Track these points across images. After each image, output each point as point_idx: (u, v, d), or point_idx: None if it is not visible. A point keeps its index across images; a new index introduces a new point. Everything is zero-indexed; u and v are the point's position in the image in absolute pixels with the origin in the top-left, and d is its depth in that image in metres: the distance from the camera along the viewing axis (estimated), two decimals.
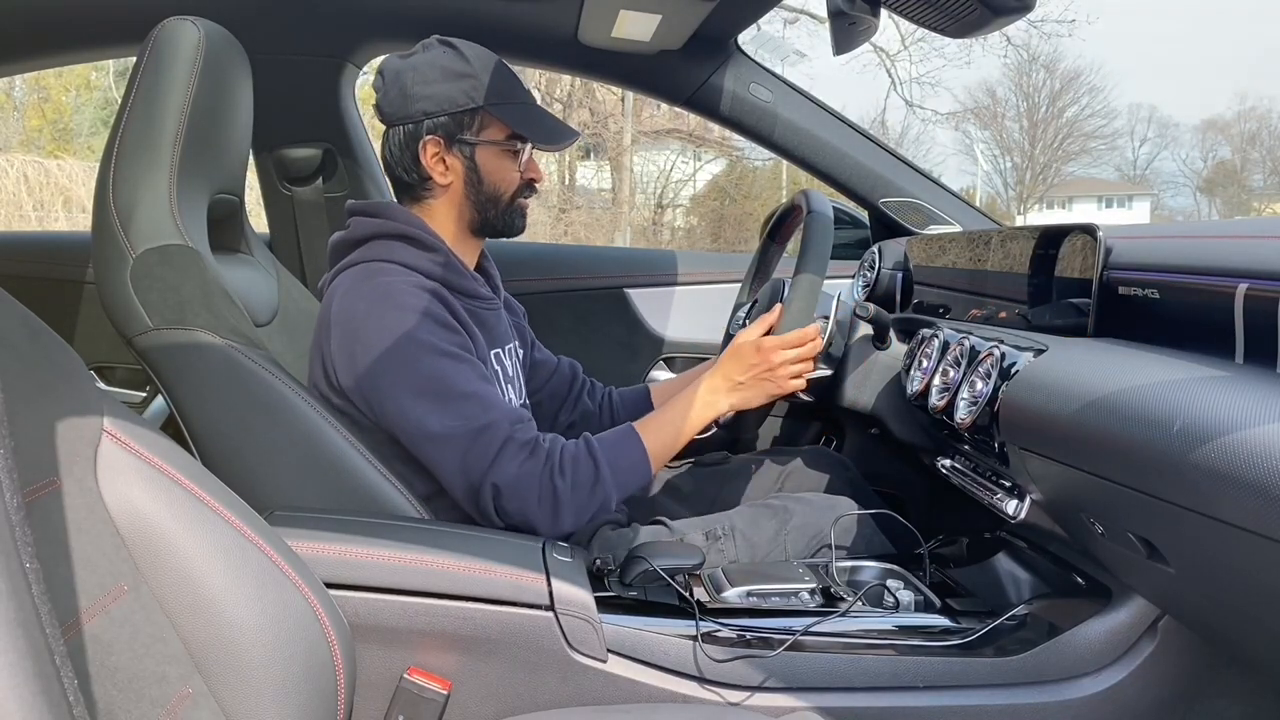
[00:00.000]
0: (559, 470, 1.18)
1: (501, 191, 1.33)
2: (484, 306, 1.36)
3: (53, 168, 9.25)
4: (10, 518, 0.45)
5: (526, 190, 1.35)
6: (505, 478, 1.17)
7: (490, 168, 1.31)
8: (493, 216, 1.34)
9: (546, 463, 1.18)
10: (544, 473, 1.18)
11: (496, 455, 1.16)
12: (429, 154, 1.29)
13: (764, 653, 1.08)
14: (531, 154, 1.34)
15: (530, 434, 1.20)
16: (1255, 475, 0.68)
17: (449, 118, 1.28)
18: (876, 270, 1.75)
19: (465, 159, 1.30)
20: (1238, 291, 0.84)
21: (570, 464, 1.19)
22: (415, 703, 1.02)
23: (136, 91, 1.18)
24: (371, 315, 1.19)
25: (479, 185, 1.31)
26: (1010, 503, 1.12)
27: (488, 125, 1.29)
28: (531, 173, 1.34)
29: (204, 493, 0.79)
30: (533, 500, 1.17)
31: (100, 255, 1.17)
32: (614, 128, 14.36)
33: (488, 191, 1.32)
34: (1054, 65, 25.34)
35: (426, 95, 1.26)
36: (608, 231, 14.06)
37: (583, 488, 1.19)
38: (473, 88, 1.27)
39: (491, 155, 1.31)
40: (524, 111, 1.31)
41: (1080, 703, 1.08)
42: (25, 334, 0.70)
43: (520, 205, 1.36)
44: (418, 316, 1.19)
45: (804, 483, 1.52)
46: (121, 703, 0.66)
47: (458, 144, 1.29)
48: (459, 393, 1.18)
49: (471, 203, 1.32)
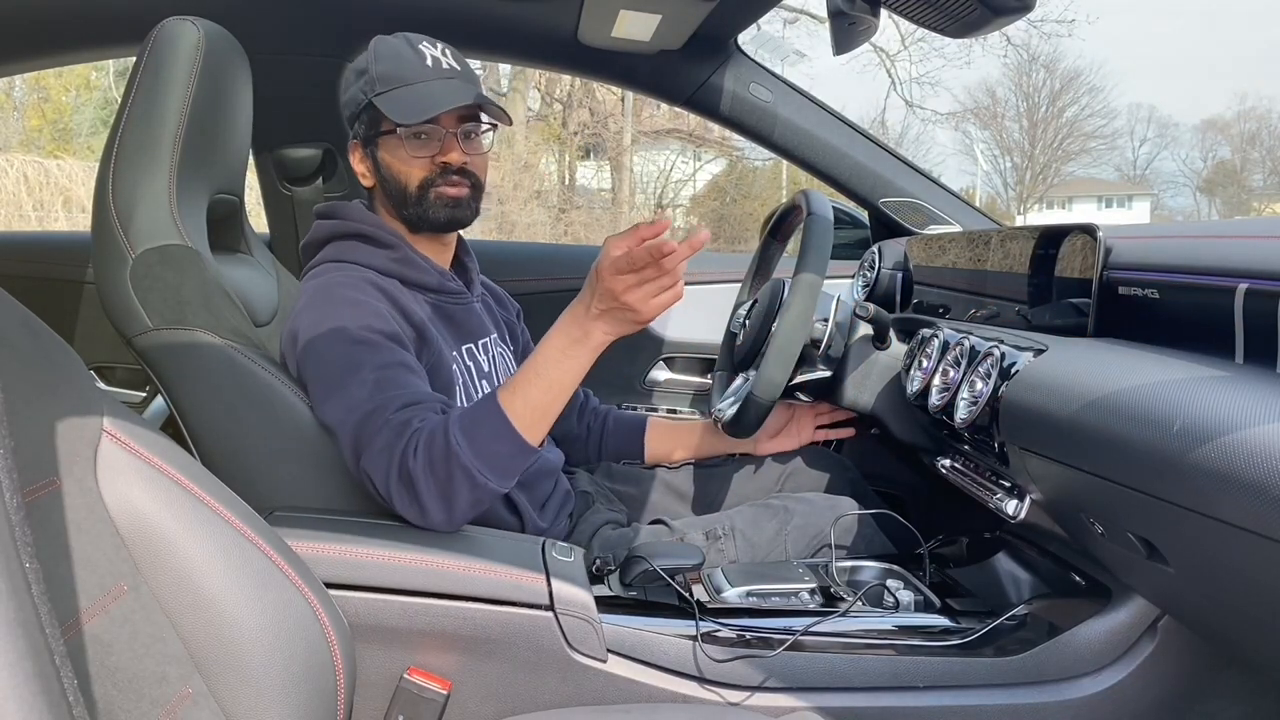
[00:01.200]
0: (414, 450, 1.05)
1: (404, 184, 1.26)
2: (450, 301, 1.33)
3: (53, 168, 9.25)
4: (10, 518, 0.45)
5: (439, 178, 1.25)
6: (373, 464, 1.07)
7: (389, 161, 1.26)
8: (408, 213, 1.27)
9: (405, 444, 1.05)
10: (400, 453, 1.05)
11: (371, 440, 1.07)
12: (356, 158, 1.30)
13: (764, 653, 1.08)
14: (451, 135, 1.24)
15: (408, 415, 1.08)
16: (1255, 475, 0.68)
17: (359, 120, 1.27)
18: (876, 270, 1.75)
19: (373, 158, 1.28)
20: (1238, 291, 0.84)
21: (426, 441, 1.05)
22: (415, 703, 1.02)
23: (136, 91, 1.18)
24: (305, 312, 1.18)
25: (386, 182, 1.27)
26: (1010, 503, 1.12)
27: (382, 118, 1.23)
28: (444, 156, 1.24)
29: (204, 493, 0.79)
30: (393, 485, 1.05)
31: (100, 255, 1.17)
32: (614, 128, 14.37)
33: (394, 187, 1.27)
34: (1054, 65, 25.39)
35: (344, 101, 1.28)
36: (608, 231, 14.00)
37: (438, 466, 1.04)
38: (367, 83, 1.23)
39: (389, 148, 1.26)
40: (406, 93, 1.21)
41: (1080, 703, 1.08)
42: (25, 334, 0.70)
43: (436, 195, 1.25)
44: (344, 308, 1.16)
45: (804, 483, 1.52)
46: (121, 703, 0.66)
47: (367, 143, 1.28)
48: (357, 379, 1.10)
49: (391, 201, 1.28)
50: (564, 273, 2.14)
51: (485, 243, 1.40)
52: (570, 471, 1.53)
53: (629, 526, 1.40)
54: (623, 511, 1.47)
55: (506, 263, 2.09)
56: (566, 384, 1.10)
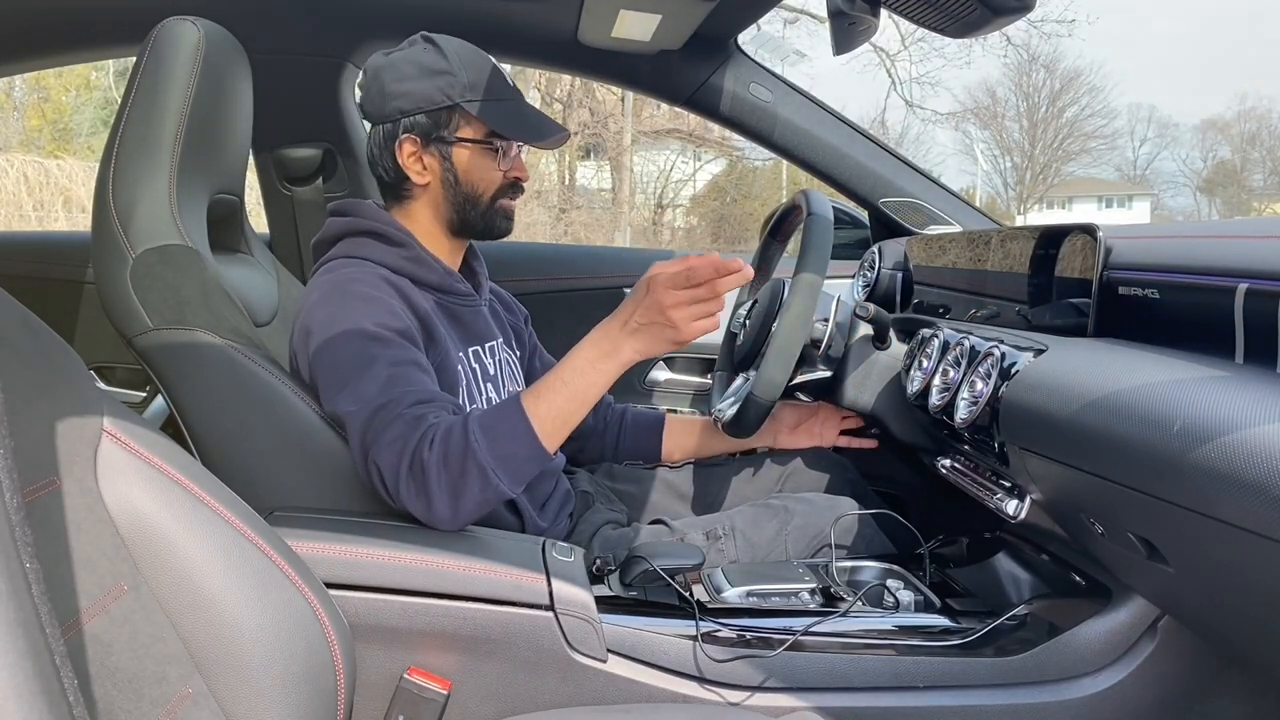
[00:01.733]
0: (429, 443, 1.05)
1: (480, 192, 1.30)
2: (459, 303, 1.34)
3: (53, 168, 9.25)
4: (10, 518, 0.45)
5: (510, 190, 1.32)
6: (381, 456, 1.06)
7: (467, 167, 1.28)
8: (473, 217, 1.31)
9: (421, 436, 1.05)
10: (414, 445, 1.05)
11: (380, 435, 1.06)
12: (405, 153, 1.27)
13: (764, 653, 1.08)
14: (519, 153, 1.32)
15: (421, 411, 1.08)
16: (1255, 475, 0.68)
17: (425, 116, 1.25)
18: (876, 270, 1.75)
19: (442, 158, 1.28)
20: (1238, 291, 0.84)
21: (442, 436, 1.05)
22: (415, 703, 1.02)
23: (136, 91, 1.19)
24: (319, 307, 1.18)
25: (456, 185, 1.29)
26: (1010, 503, 1.12)
27: (466, 123, 1.26)
28: (516, 171, 1.31)
29: (204, 493, 0.79)
30: (403, 476, 1.05)
31: (100, 255, 1.17)
32: (614, 128, 14.37)
33: (465, 191, 1.29)
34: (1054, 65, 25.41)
35: (403, 93, 1.25)
36: (608, 231, 14.06)
37: (453, 460, 1.04)
38: (449, 84, 1.24)
39: (469, 154, 1.28)
40: (504, 108, 1.27)
41: (1080, 703, 1.08)
42: (25, 334, 0.70)
43: (503, 206, 1.32)
44: (358, 304, 1.17)
45: (804, 483, 1.52)
46: (121, 703, 0.66)
47: (434, 143, 1.27)
48: (370, 374, 1.11)
49: (450, 203, 1.30)
50: (564, 273, 2.14)
51: (485, 243, 1.40)
52: (570, 471, 1.54)
53: (629, 526, 1.40)
54: (623, 511, 1.47)
55: (506, 262, 2.08)
56: (590, 396, 1.11)
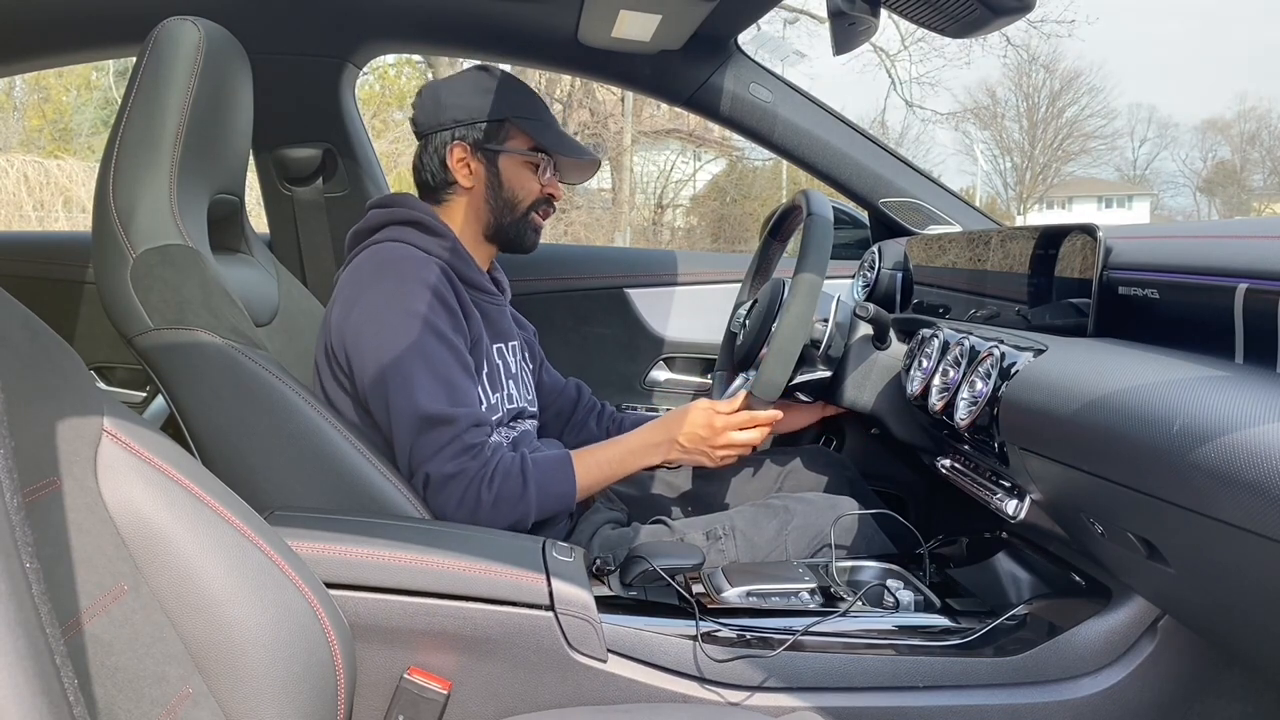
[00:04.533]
0: (487, 481, 1.21)
1: (520, 199, 1.39)
2: (489, 301, 1.40)
3: (53, 168, 9.25)
4: (10, 518, 0.45)
5: (543, 204, 1.41)
6: (438, 473, 1.20)
7: (511, 175, 1.38)
8: (507, 223, 1.40)
9: (480, 471, 1.21)
10: (475, 479, 1.20)
11: (439, 450, 1.20)
12: (455, 157, 1.36)
13: (764, 653, 1.08)
14: (554, 173, 1.41)
15: (480, 438, 1.23)
16: (1255, 475, 0.68)
17: (477, 126, 1.36)
18: (876, 270, 1.75)
19: (489, 164, 1.37)
20: (1238, 291, 0.84)
21: (501, 477, 1.21)
22: (415, 703, 1.02)
23: (136, 91, 1.18)
24: (374, 282, 1.25)
25: (498, 190, 1.38)
26: (1010, 503, 1.12)
27: (513, 136, 1.37)
28: (551, 188, 1.41)
29: (204, 493, 0.79)
30: (454, 502, 1.20)
31: (100, 255, 1.17)
32: (614, 128, 14.37)
33: (506, 197, 1.38)
34: (1054, 65, 25.38)
35: (459, 105, 1.36)
36: (608, 231, 14.06)
37: (505, 503, 1.21)
38: (502, 100, 1.36)
39: (514, 164, 1.38)
40: (550, 128, 1.39)
41: (1080, 702, 1.08)
42: (25, 334, 0.70)
43: (534, 219, 1.41)
44: (419, 288, 1.24)
45: (804, 482, 1.52)
46: (121, 703, 0.66)
47: (484, 150, 1.37)
48: (433, 375, 1.21)
49: (489, 206, 1.39)
50: (564, 273, 2.14)
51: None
52: None
53: (629, 526, 1.40)
54: (623, 511, 1.47)
55: (507, 263, 2.08)
56: (624, 472, 1.34)
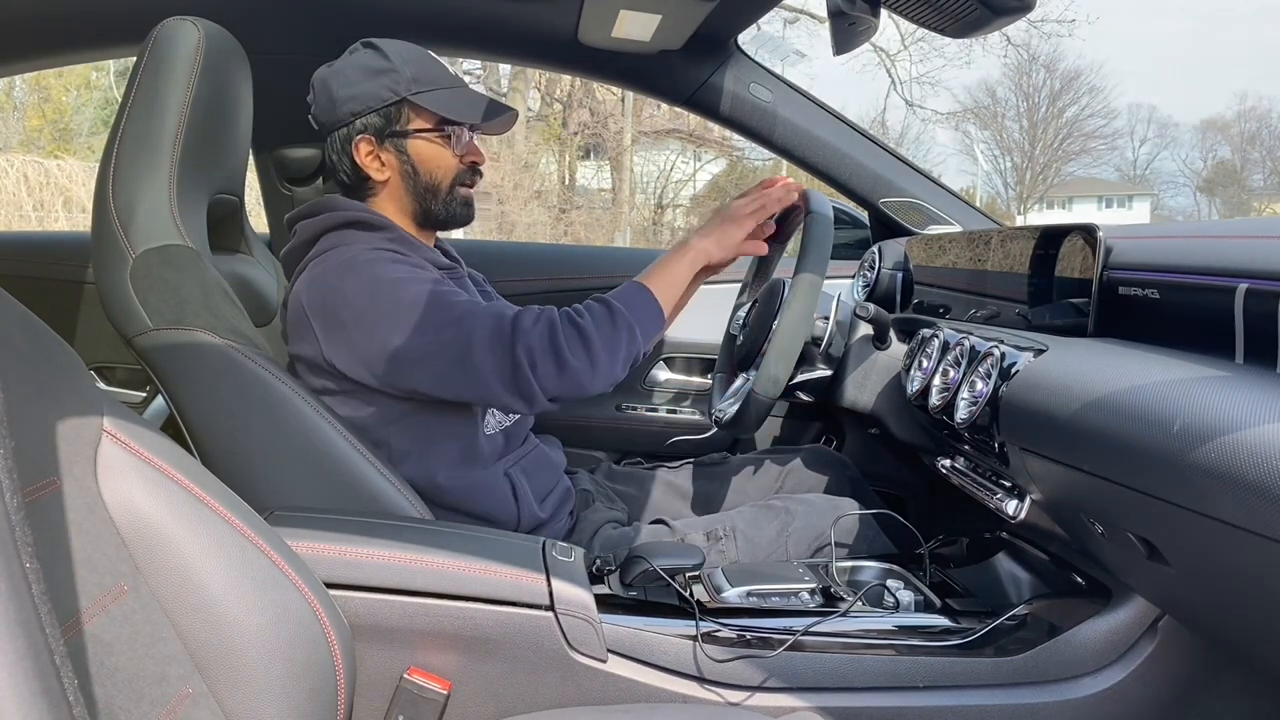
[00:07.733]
0: (575, 312, 1.19)
1: (439, 180, 1.32)
2: (451, 274, 1.35)
3: (53, 168, 9.25)
4: (10, 518, 0.45)
5: (467, 175, 1.34)
6: (532, 339, 1.16)
7: (423, 157, 1.31)
8: (435, 207, 1.33)
9: (559, 314, 1.18)
10: (561, 318, 1.18)
11: (514, 328, 1.16)
12: (363, 153, 1.30)
13: (764, 653, 1.08)
14: (471, 138, 1.34)
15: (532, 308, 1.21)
16: (1255, 475, 0.68)
17: (376, 114, 1.28)
18: (876, 270, 1.75)
19: (398, 152, 1.30)
20: (1238, 291, 0.84)
21: (585, 309, 1.20)
22: (415, 703, 1.02)
23: (136, 91, 1.18)
24: (343, 284, 1.19)
25: (416, 177, 1.31)
26: (1010, 503, 1.12)
27: (416, 116, 1.29)
28: (471, 156, 1.34)
29: (204, 493, 0.79)
30: (564, 346, 1.16)
31: (100, 255, 1.17)
32: (614, 128, 14.37)
33: (425, 181, 1.32)
34: (1054, 65, 25.40)
35: (351, 96, 1.28)
36: (608, 231, 14.07)
37: (603, 322, 1.19)
38: (394, 81, 1.27)
39: (423, 144, 1.30)
40: (450, 96, 1.30)
41: (1080, 703, 1.08)
42: (25, 334, 0.70)
43: (461, 193, 1.34)
44: (386, 265, 1.20)
45: (804, 483, 1.52)
46: (121, 703, 0.66)
47: (389, 138, 1.30)
48: (452, 300, 1.18)
49: (412, 195, 1.32)
50: (564, 273, 2.14)
51: (485, 243, 1.42)
52: (571, 471, 1.54)
53: (629, 526, 1.40)
54: (623, 511, 1.47)
55: (507, 263, 2.08)
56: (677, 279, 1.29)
